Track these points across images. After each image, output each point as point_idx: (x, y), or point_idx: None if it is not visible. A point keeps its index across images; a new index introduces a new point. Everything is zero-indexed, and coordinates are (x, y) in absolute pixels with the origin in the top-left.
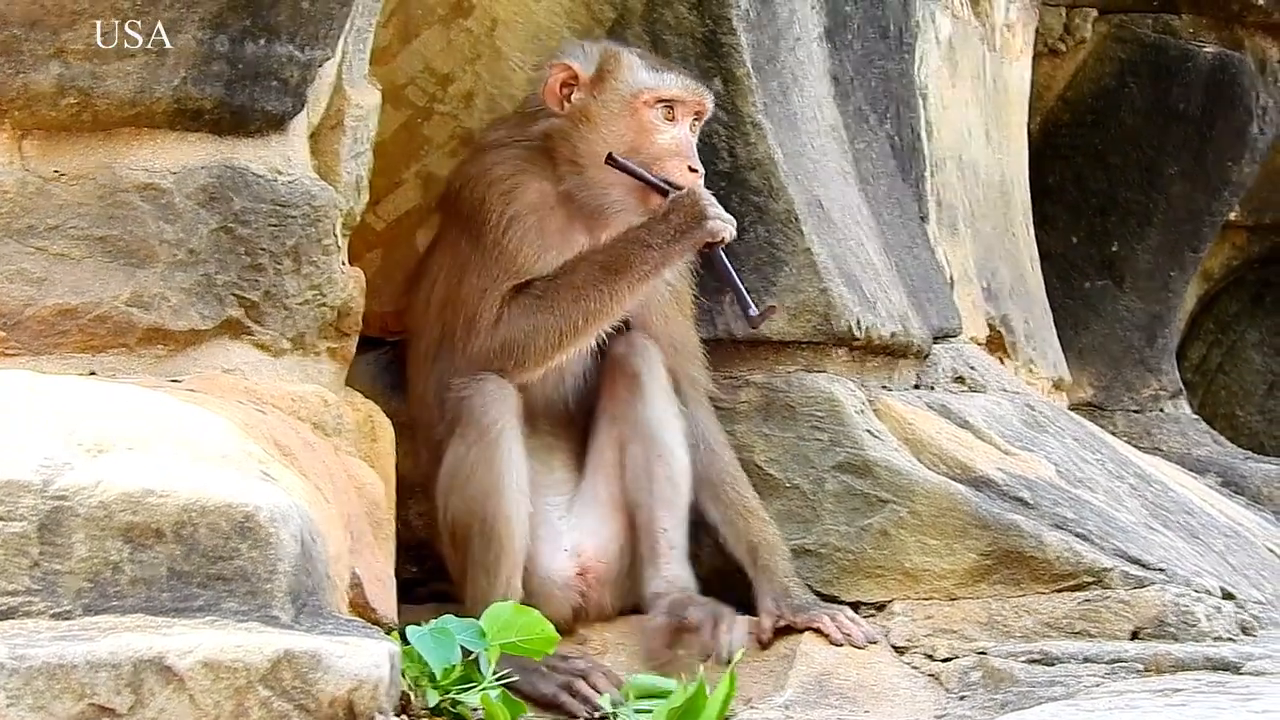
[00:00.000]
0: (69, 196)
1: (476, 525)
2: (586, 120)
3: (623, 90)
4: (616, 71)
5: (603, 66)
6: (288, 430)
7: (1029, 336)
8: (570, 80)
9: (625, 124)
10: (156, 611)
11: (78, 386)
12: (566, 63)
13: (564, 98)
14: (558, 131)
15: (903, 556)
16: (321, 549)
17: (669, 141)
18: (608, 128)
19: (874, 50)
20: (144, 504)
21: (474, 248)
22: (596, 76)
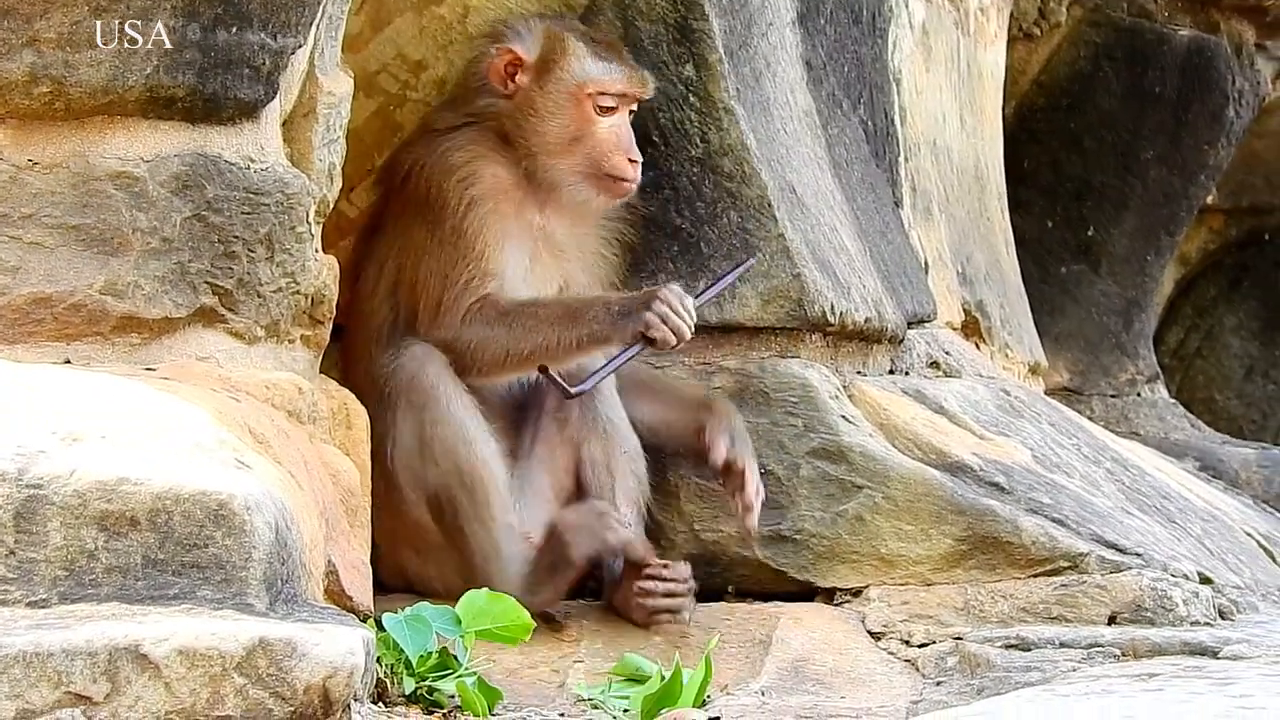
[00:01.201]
0: (42, 185)
1: (456, 481)
2: (531, 108)
3: (567, 81)
4: (561, 60)
5: (546, 53)
6: (262, 418)
7: (1004, 321)
8: (514, 63)
9: (568, 115)
10: (132, 600)
11: (52, 375)
12: (510, 47)
13: (508, 77)
14: (504, 113)
15: (878, 542)
16: (296, 536)
17: (609, 133)
18: (553, 119)
19: (847, 35)
20: (118, 492)
21: (431, 233)
22: (540, 63)
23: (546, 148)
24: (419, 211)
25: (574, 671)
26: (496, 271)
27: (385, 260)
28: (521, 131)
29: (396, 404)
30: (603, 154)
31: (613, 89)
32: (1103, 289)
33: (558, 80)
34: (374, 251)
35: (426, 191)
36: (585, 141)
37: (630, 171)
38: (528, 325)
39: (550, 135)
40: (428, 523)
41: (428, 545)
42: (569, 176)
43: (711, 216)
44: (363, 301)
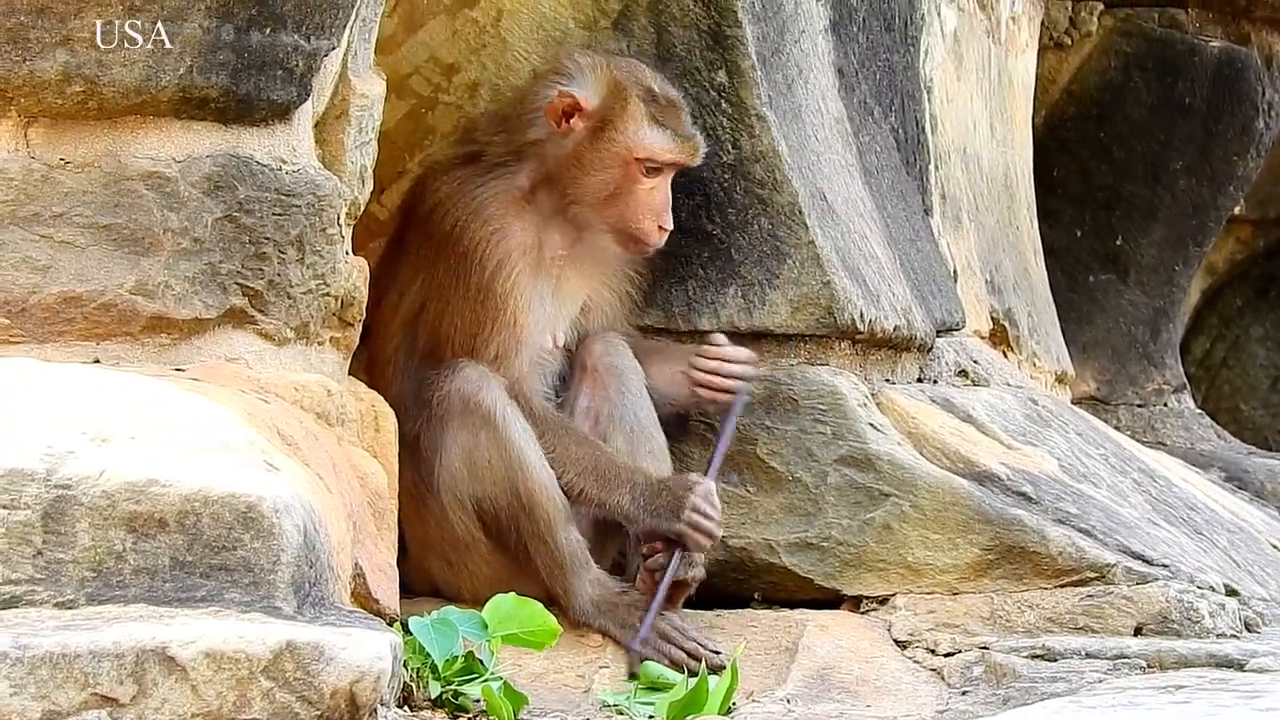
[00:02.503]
0: (74, 184)
1: (515, 504)
2: (578, 157)
3: (620, 143)
4: (619, 120)
5: (606, 106)
6: (291, 420)
7: (1032, 330)
8: (573, 108)
9: (612, 174)
10: (159, 601)
11: (82, 375)
12: (573, 93)
13: (564, 118)
14: (549, 152)
15: (905, 551)
16: (324, 539)
17: (647, 196)
18: (596, 174)
19: (879, 43)
20: (147, 493)
21: (456, 280)
22: (600, 113)
23: (583, 197)
24: (444, 252)
25: (599, 677)
26: (525, 340)
27: (406, 289)
28: (562, 175)
29: (448, 421)
30: (635, 216)
31: (663, 158)
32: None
33: (610, 140)
34: (396, 274)
35: (453, 233)
36: (622, 199)
37: (656, 239)
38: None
39: (590, 188)
40: (472, 536)
41: (463, 556)
42: (598, 224)
43: (742, 223)
44: (382, 323)
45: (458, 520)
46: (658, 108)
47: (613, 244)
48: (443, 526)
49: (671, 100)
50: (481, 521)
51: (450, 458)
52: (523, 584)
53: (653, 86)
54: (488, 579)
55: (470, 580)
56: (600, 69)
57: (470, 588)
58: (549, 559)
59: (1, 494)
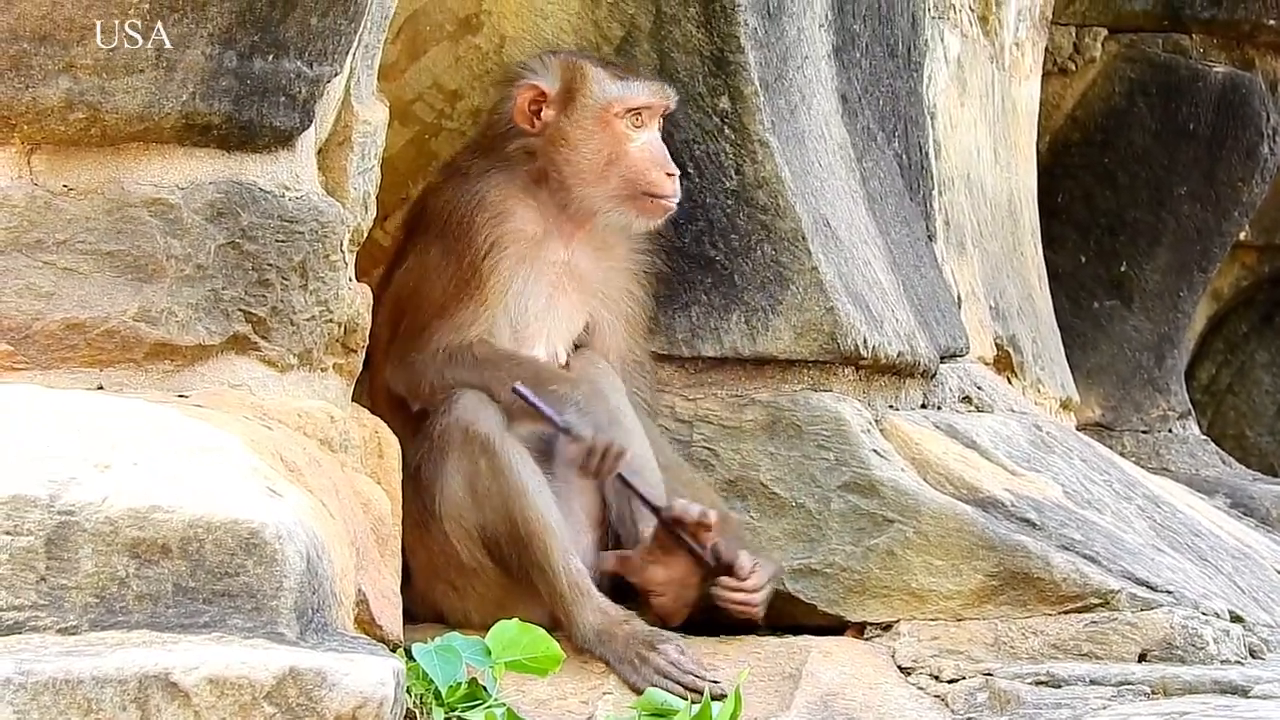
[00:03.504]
0: (77, 211)
1: (514, 531)
2: (562, 139)
3: (593, 105)
4: (583, 86)
5: (568, 82)
6: (294, 446)
7: (1036, 356)
8: (538, 99)
9: (599, 139)
10: (162, 627)
11: (85, 401)
12: (533, 82)
13: (533, 115)
14: (535, 151)
15: (909, 577)
16: (327, 565)
17: (642, 149)
18: (585, 145)
19: (882, 69)
20: (150, 520)
21: (448, 259)
22: (563, 93)
23: (582, 176)
24: (440, 244)
25: (603, 704)
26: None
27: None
28: (555, 165)
29: (448, 450)
30: (639, 172)
31: (637, 103)
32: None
33: (583, 106)
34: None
35: (454, 227)
36: (620, 162)
37: (669, 186)
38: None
39: (584, 162)
40: (477, 561)
41: (469, 581)
42: (606, 203)
43: (745, 249)
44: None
45: (462, 547)
46: (614, 67)
47: (630, 218)
48: (447, 553)
49: (625, 63)
50: (485, 547)
51: (452, 486)
52: (528, 608)
53: (602, 57)
54: (494, 604)
55: (477, 605)
56: (548, 59)
57: (477, 613)
58: (550, 586)
59: (5, 520)
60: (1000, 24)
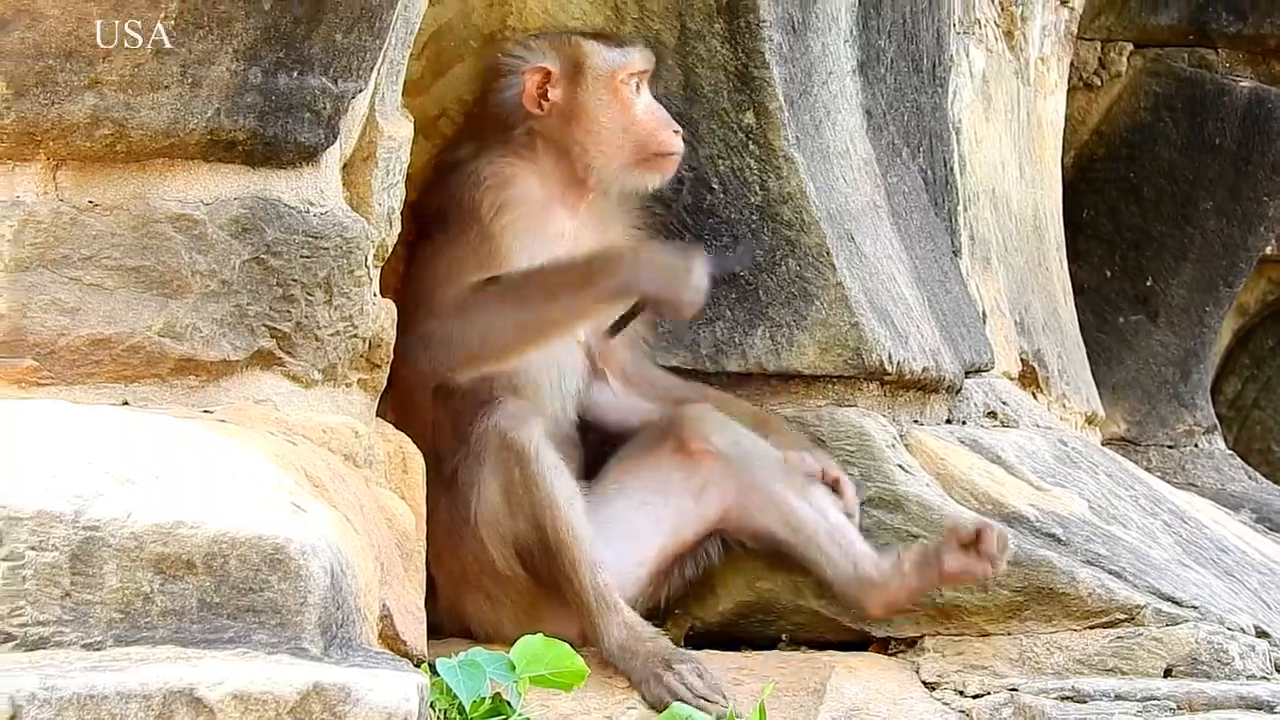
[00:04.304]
0: (103, 227)
1: (545, 541)
2: (575, 114)
3: (602, 75)
4: (587, 60)
5: (570, 59)
6: (318, 461)
7: (1062, 371)
8: (545, 80)
9: (611, 108)
10: (187, 643)
11: (110, 417)
12: (540, 65)
13: (541, 98)
14: (542, 132)
15: (934, 592)
16: (351, 581)
17: (648, 111)
18: (601, 115)
19: (907, 84)
20: (175, 535)
21: (456, 238)
22: (568, 70)
23: (600, 145)
24: (447, 228)
25: (627, 718)
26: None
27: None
28: (567, 139)
29: (485, 456)
30: (649, 133)
31: (638, 68)
32: (1161, 339)
33: (593, 79)
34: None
35: (457, 205)
36: (632, 128)
37: (676, 143)
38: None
39: (603, 131)
40: (512, 570)
41: (504, 589)
42: (620, 169)
43: (770, 264)
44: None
45: (498, 554)
46: (604, 39)
47: (641, 180)
48: (482, 560)
49: (605, 30)
50: (519, 556)
51: (489, 492)
52: (561, 619)
53: (584, 29)
54: (527, 614)
55: (510, 615)
56: (534, 41)
57: (511, 623)
58: (577, 598)
59: (30, 535)
60: (1025, 39)
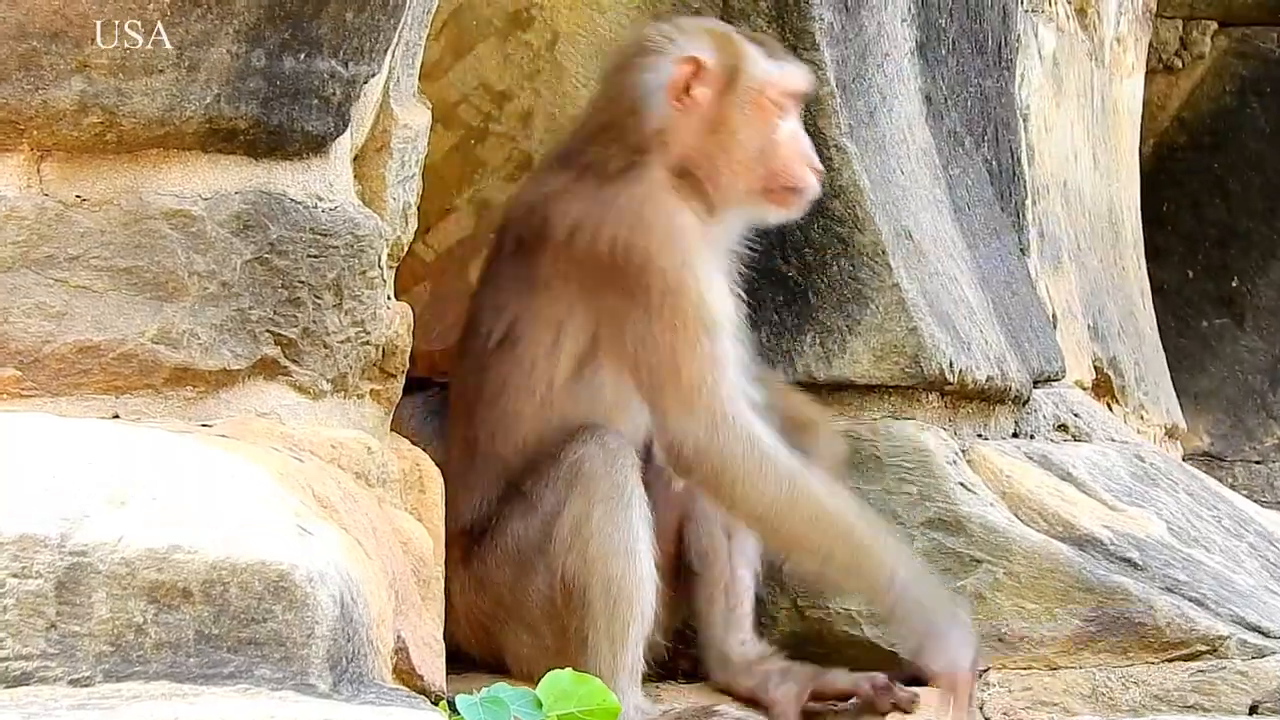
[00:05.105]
0: (91, 224)
1: (601, 589)
2: (717, 121)
3: (752, 87)
4: (744, 65)
5: (727, 58)
6: (327, 480)
7: (1139, 380)
8: (695, 73)
9: (754, 126)
10: (183, 678)
11: (99, 431)
12: (694, 55)
13: (684, 92)
14: (677, 135)
15: (999, 622)
16: (363, 611)
17: (789, 138)
18: (742, 131)
19: (970, 67)
20: (170, 561)
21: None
22: (724, 71)
23: (732, 165)
24: (606, 276)
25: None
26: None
27: (564, 322)
28: (700, 149)
29: (575, 484)
30: (785, 164)
31: (793, 88)
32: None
33: (743, 87)
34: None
35: (611, 253)
36: (768, 153)
37: (810, 182)
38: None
39: (737, 151)
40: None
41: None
42: (746, 196)
43: (820, 264)
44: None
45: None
46: (763, 45)
47: (762, 212)
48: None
49: (768, 38)
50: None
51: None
52: None
53: (745, 31)
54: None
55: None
56: (696, 28)
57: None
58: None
59: (12, 562)
60: (1100, 17)
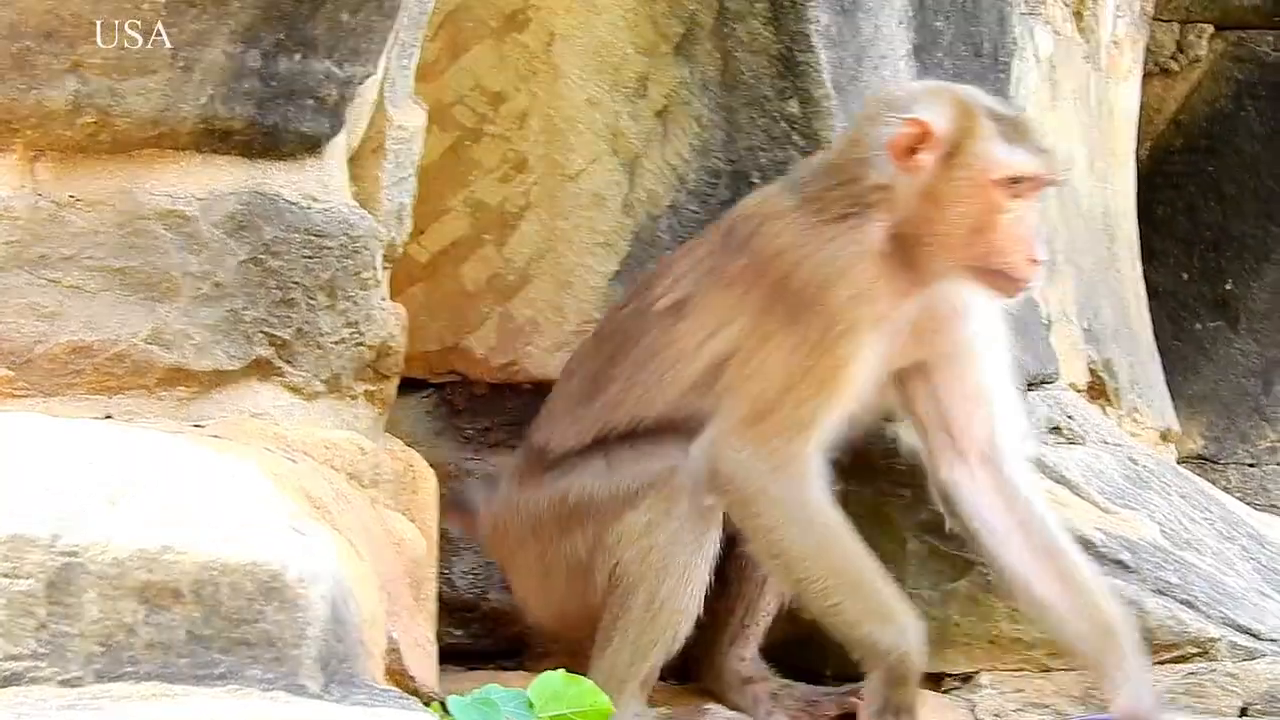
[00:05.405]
0: (85, 224)
1: (646, 599)
2: (931, 193)
3: (975, 165)
4: (970, 140)
5: (960, 131)
6: (320, 481)
7: (1134, 382)
8: (922, 138)
9: (972, 204)
10: (174, 679)
11: (91, 431)
12: (922, 120)
13: (908, 154)
14: (895, 195)
15: (991, 624)
16: (354, 612)
17: (1013, 225)
18: (955, 208)
19: (966, 69)
20: (161, 561)
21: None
22: (953, 141)
23: (940, 239)
24: (784, 303)
25: None
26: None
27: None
28: (915, 219)
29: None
30: (1000, 250)
31: (1023, 173)
32: (1241, 348)
33: (965, 165)
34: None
35: (802, 289)
36: (985, 233)
37: (1027, 273)
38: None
39: (948, 226)
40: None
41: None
42: (957, 270)
43: None
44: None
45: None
46: (1007, 124)
47: (974, 288)
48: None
49: (1018, 117)
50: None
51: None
52: None
53: (994, 105)
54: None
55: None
56: (938, 93)
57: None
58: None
59: (2, 562)
60: (1096, 20)
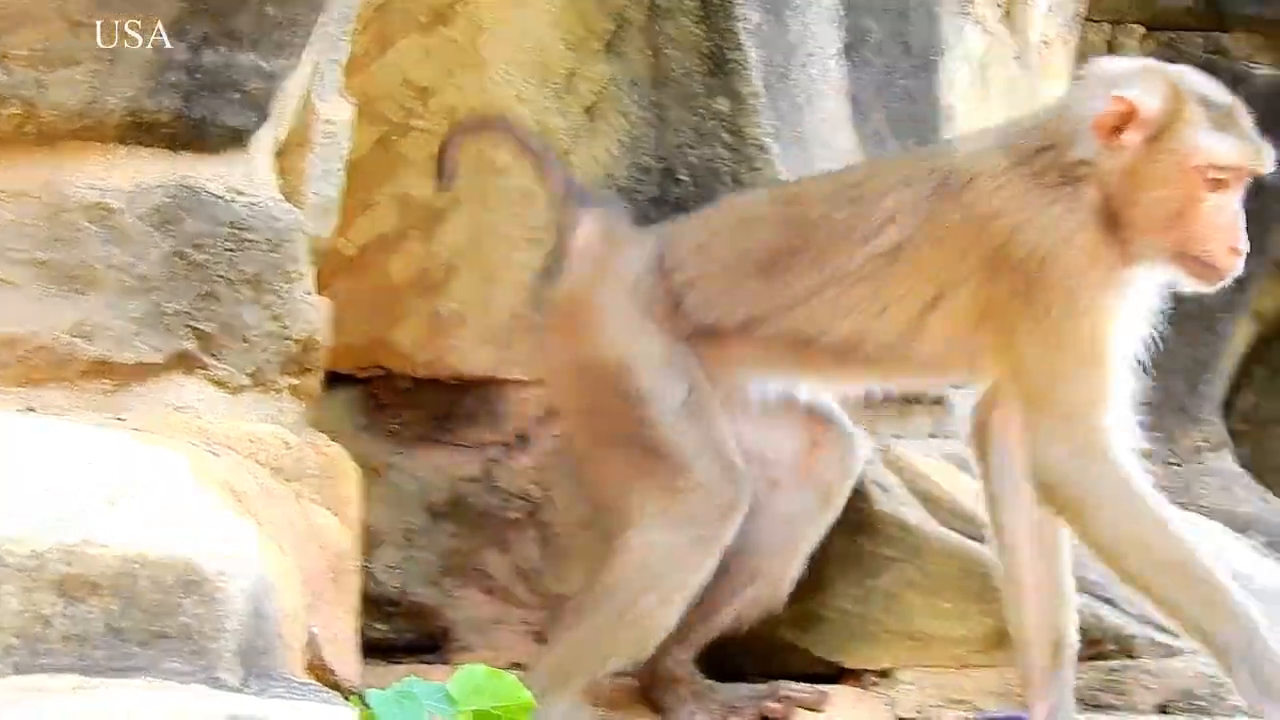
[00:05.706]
0: (9, 216)
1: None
2: (1133, 173)
3: (1178, 151)
4: (1175, 125)
5: (1169, 114)
6: (244, 475)
7: None
8: (1128, 116)
9: (1172, 189)
10: (91, 671)
11: (12, 424)
12: (1130, 99)
13: (1113, 133)
14: (1098, 171)
15: (911, 621)
16: (275, 605)
17: (1214, 213)
18: (1155, 190)
19: (896, 68)
20: (80, 554)
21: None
22: (1160, 122)
23: (1139, 221)
24: (1007, 272)
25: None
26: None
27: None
28: (1115, 197)
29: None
30: (1201, 238)
31: (1227, 163)
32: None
33: (1168, 150)
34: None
35: (1024, 257)
36: (1185, 220)
37: (1227, 262)
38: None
39: (1148, 209)
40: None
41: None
42: (1156, 253)
43: None
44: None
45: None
46: (1216, 111)
47: (1176, 276)
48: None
49: (1229, 104)
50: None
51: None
52: None
53: (1206, 91)
54: None
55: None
56: (1152, 72)
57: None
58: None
59: None
60: (1027, 20)
